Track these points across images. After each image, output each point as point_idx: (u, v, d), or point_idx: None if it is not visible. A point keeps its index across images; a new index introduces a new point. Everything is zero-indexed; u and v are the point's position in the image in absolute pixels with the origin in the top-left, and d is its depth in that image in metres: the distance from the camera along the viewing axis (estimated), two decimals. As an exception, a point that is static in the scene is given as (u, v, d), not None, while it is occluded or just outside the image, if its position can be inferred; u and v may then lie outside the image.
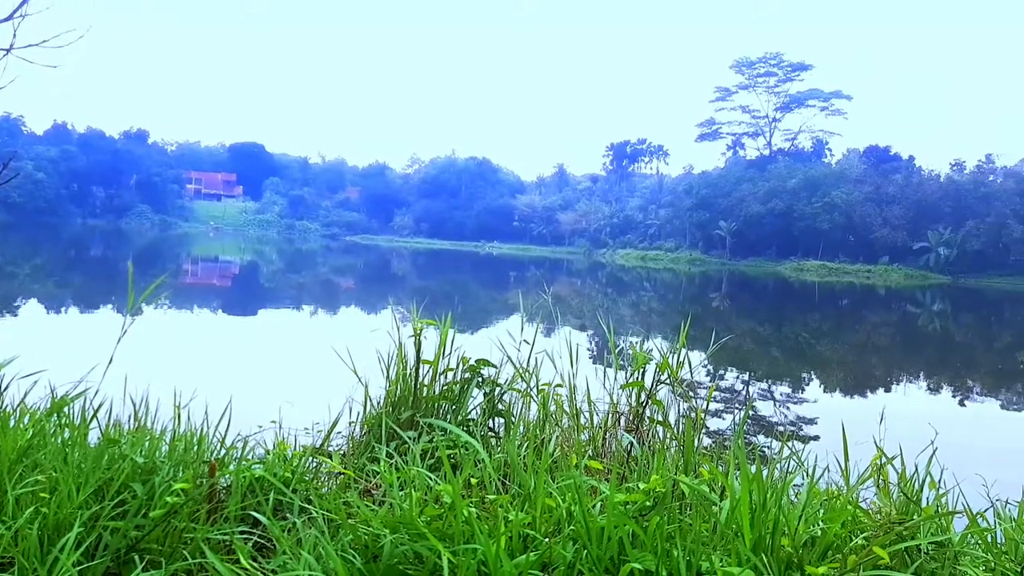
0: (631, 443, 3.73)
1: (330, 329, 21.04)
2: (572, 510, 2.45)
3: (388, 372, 4.53)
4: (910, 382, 20.55)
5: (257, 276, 45.36)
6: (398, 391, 4.43)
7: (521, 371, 4.63)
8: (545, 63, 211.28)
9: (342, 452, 4.31)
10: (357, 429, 4.52)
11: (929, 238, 69.45)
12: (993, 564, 2.27)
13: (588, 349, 17.89)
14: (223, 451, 3.44)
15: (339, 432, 4.41)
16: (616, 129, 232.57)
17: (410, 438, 3.65)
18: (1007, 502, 3.24)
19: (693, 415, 4.26)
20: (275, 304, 29.36)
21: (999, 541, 2.68)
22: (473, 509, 2.45)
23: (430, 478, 2.93)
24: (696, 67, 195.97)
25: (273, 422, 4.29)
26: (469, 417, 4.39)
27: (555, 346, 5.05)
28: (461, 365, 4.51)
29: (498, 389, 4.47)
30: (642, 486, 2.50)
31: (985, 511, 3.07)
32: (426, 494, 2.79)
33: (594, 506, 2.54)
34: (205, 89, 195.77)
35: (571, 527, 2.38)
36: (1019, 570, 2.28)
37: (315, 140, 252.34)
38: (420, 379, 4.43)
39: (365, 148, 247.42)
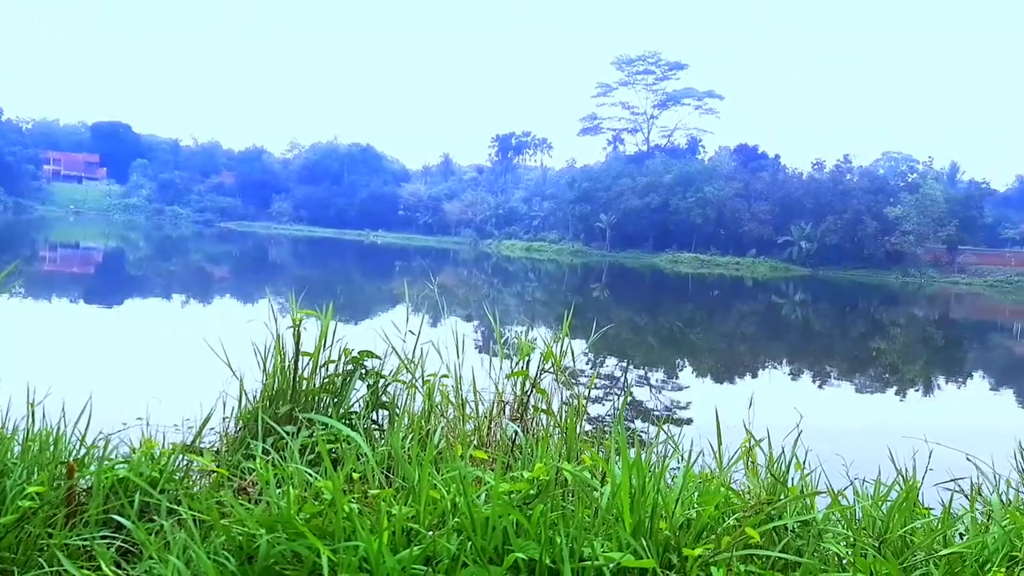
0: (516, 432, 3.76)
1: (202, 320, 20.06)
2: (457, 501, 2.43)
3: (265, 365, 4.35)
4: (775, 368, 21.85)
5: (123, 263, 42.67)
6: (276, 385, 4.26)
7: (406, 362, 4.56)
8: (431, 52, 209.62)
9: (215, 449, 4.11)
10: (232, 425, 4.32)
11: (792, 232, 73.98)
12: (853, 540, 2.43)
13: (474, 339, 17.93)
14: (83, 451, 3.21)
15: (212, 429, 4.20)
16: (502, 121, 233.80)
17: (288, 433, 3.53)
18: (864, 480, 3.48)
19: (575, 403, 4.34)
20: (142, 294, 27.74)
21: (858, 517, 2.88)
22: (355, 505, 2.39)
23: (309, 474, 2.83)
24: (580, 62, 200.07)
25: (139, 419, 4.03)
26: (352, 410, 4.29)
27: (441, 336, 5.01)
28: (343, 357, 4.39)
29: (382, 381, 4.39)
30: (526, 475, 2.51)
31: (845, 489, 3.29)
32: (305, 491, 2.69)
33: (479, 496, 2.53)
34: (65, 64, 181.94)
35: (456, 519, 2.36)
36: (876, 545, 2.45)
37: (187, 122, 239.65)
38: (299, 372, 4.28)
39: (241, 131, 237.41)
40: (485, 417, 4.35)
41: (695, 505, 2.54)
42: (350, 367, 4.35)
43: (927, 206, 69.73)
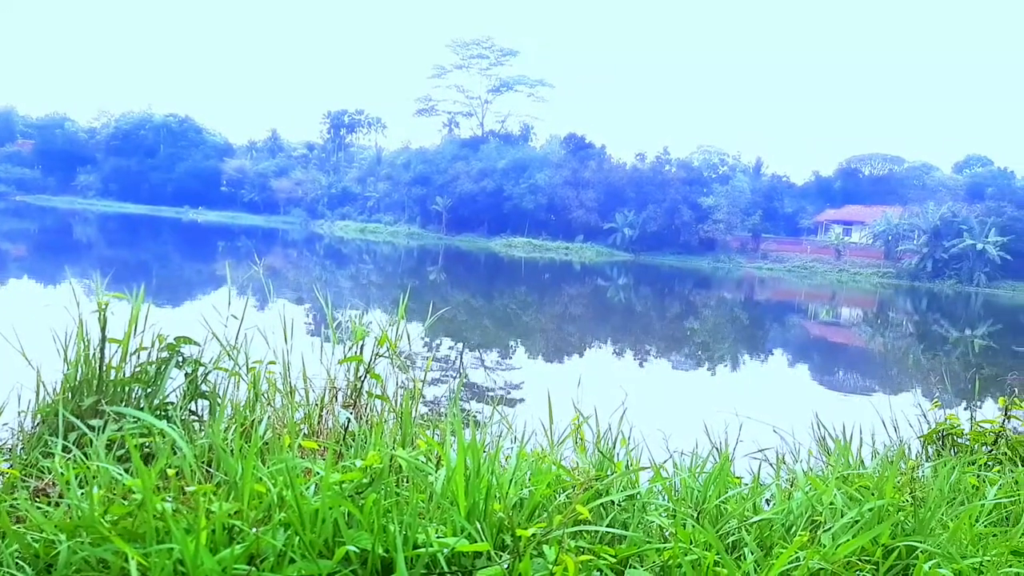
0: (348, 419, 3.64)
1: (-7, 304, 17.95)
2: (284, 494, 2.31)
3: (66, 354, 3.93)
4: (601, 347, 22.89)
5: None
6: (78, 375, 3.86)
7: (228, 349, 4.29)
8: (256, 19, 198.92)
9: (8, 448, 3.68)
10: (27, 420, 3.88)
11: (616, 220, 77.72)
12: (674, 511, 2.56)
13: (305, 323, 17.35)
14: None
15: (5, 424, 3.76)
16: (334, 97, 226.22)
17: (94, 428, 3.21)
18: (683, 453, 3.71)
19: (411, 387, 4.28)
20: (-84, 275, 24.42)
21: (677, 489, 3.05)
22: (169, 503, 2.20)
23: (118, 472, 2.59)
24: (415, 42, 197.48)
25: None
26: (168, 401, 3.98)
27: (268, 321, 4.77)
28: (158, 343, 4.06)
29: (202, 369, 4.11)
30: (359, 463, 2.43)
31: (665, 463, 3.48)
32: (113, 490, 2.46)
33: (308, 488, 2.42)
34: None
35: (283, 513, 2.24)
36: (695, 515, 2.60)
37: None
38: (106, 360, 3.91)
39: (41, 96, 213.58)
40: (316, 405, 4.19)
41: (528, 485, 2.57)
42: (165, 354, 4.02)
43: (736, 197, 75.87)
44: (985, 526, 2.73)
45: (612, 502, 2.58)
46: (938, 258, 61.26)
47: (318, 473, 2.50)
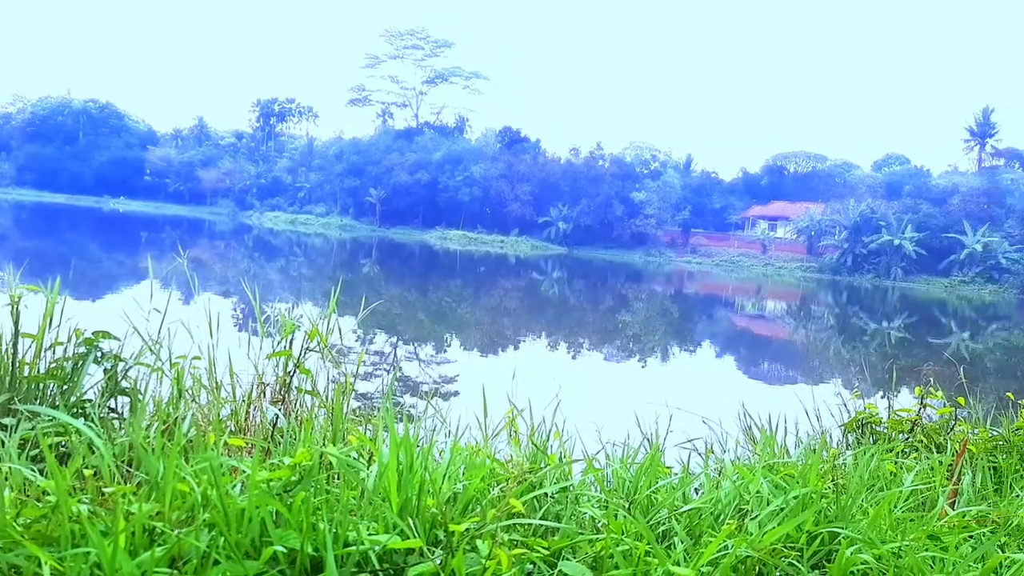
0: (276, 415, 3.56)
1: None
2: (208, 494, 2.23)
3: (-26, 350, 3.71)
4: (535, 340, 23.03)
5: None
6: (-13, 372, 3.66)
7: (150, 343, 4.13)
8: (180, 3, 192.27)
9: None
10: (-70, 421, 3.65)
11: (551, 214, 78.29)
12: (606, 502, 2.59)
13: (233, 318, 16.94)
14: None
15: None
16: (264, 85, 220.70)
17: (5, 427, 3.05)
18: (615, 444, 3.75)
19: (343, 381, 4.21)
20: None
21: (610, 480, 3.08)
22: (85, 505, 2.11)
23: (31, 473, 2.46)
24: (347, 31, 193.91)
25: None
26: (85, 399, 3.81)
27: (193, 315, 4.61)
28: (75, 338, 3.88)
29: (122, 365, 3.94)
30: (287, 460, 2.37)
31: (598, 454, 3.52)
32: (26, 492, 2.33)
33: (234, 487, 2.34)
34: None
35: (207, 513, 2.17)
36: (627, 505, 2.63)
37: None
38: (20, 356, 3.71)
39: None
40: (243, 401, 4.07)
41: (462, 479, 2.56)
42: (82, 349, 3.85)
43: (666, 193, 77.40)
44: (903, 511, 2.84)
45: (546, 495, 2.59)
46: (858, 253, 63.73)
47: (245, 471, 2.42)
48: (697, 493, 3.21)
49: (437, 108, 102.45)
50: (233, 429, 3.83)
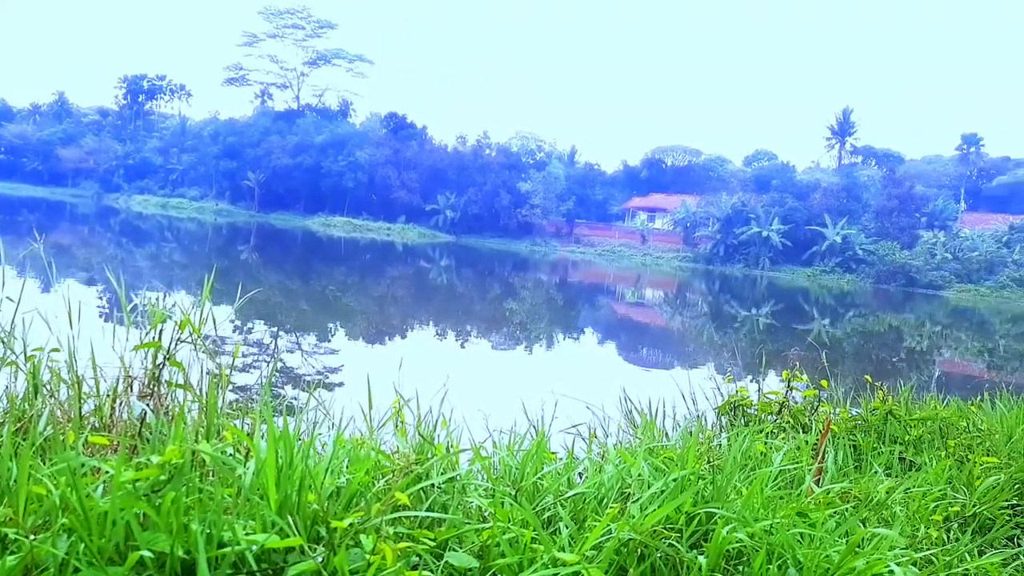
0: (144, 411, 3.34)
1: None
2: (67, 497, 2.07)
3: None
4: (423, 329, 22.89)
5: None
6: None
7: (2, 335, 3.79)
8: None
9: None
10: None
11: (439, 201, 77.89)
12: (493, 490, 2.58)
13: (98, 307, 15.94)
14: None
15: None
16: (131, 61, 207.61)
17: None
18: (501, 432, 3.76)
19: (218, 373, 4.01)
20: None
21: (496, 468, 3.08)
22: (-81, 517, 1.90)
23: None
24: (222, 5, 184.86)
25: None
26: (-79, 396, 3.45)
27: (53, 304, 4.27)
28: (-91, 330, 3.50)
29: (-34, 359, 3.60)
30: (156, 459, 2.23)
31: (485, 442, 3.52)
32: None
33: (96, 488, 2.18)
34: None
35: (66, 517, 2.01)
36: (513, 493, 2.63)
37: None
38: None
39: None
40: (108, 396, 3.81)
41: (346, 473, 2.49)
42: (-82, 343, 3.49)
43: (551, 183, 78.63)
44: (773, 490, 3.00)
45: (432, 485, 2.56)
46: (729, 244, 67.02)
47: (109, 471, 2.26)
48: (581, 478, 3.26)
49: (319, 90, 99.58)
50: (97, 426, 3.59)
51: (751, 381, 5.57)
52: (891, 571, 2.50)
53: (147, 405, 3.42)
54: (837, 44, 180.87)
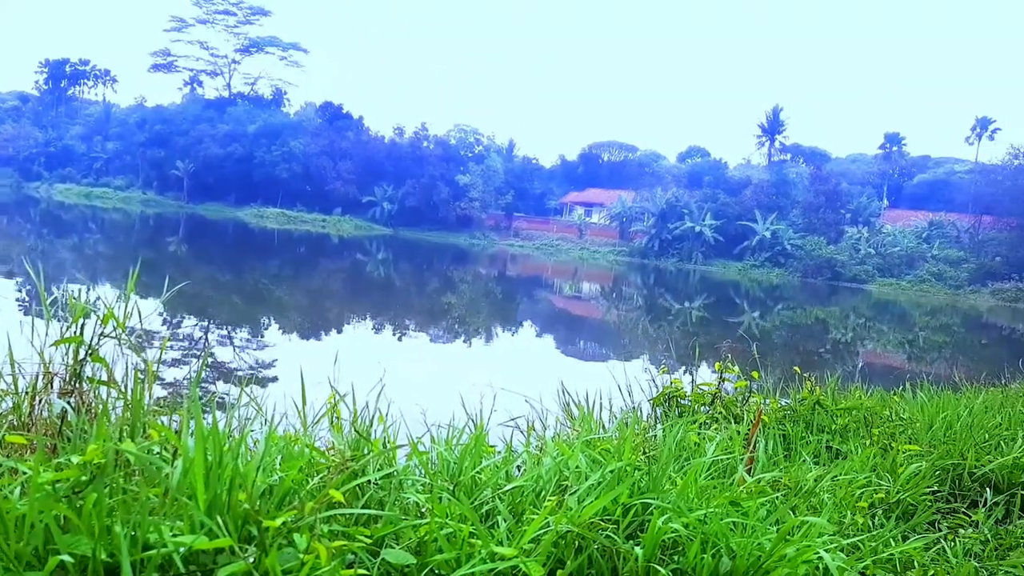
0: (65, 409, 3.20)
1: None
2: (-20, 501, 1.96)
3: None
4: (360, 323, 22.61)
5: None
6: None
7: (-93, 330, 3.58)
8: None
9: None
10: None
11: (375, 193, 76.91)
12: (431, 485, 2.56)
13: (16, 300, 15.26)
14: None
15: None
16: (52, 44, 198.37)
17: None
18: (439, 426, 3.73)
19: (145, 369, 3.86)
20: None
21: (434, 463, 3.06)
22: None
23: None
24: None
25: None
26: None
27: (-36, 297, 4.05)
28: None
29: None
30: (76, 459, 2.13)
31: (423, 437, 3.48)
32: None
33: (13, 490, 2.08)
34: None
35: (-22, 522, 1.90)
36: (451, 488, 2.62)
37: None
38: None
39: None
40: (26, 394, 3.64)
41: (278, 470, 2.43)
42: None
43: (490, 176, 78.57)
44: (707, 480, 3.06)
45: (369, 482, 2.52)
46: (664, 238, 68.20)
47: (26, 472, 2.16)
48: (520, 471, 3.27)
49: (252, 79, 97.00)
50: (15, 425, 3.42)
51: (685, 373, 5.69)
52: (820, 558, 2.58)
53: (68, 403, 3.28)
54: (767, 44, 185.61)
